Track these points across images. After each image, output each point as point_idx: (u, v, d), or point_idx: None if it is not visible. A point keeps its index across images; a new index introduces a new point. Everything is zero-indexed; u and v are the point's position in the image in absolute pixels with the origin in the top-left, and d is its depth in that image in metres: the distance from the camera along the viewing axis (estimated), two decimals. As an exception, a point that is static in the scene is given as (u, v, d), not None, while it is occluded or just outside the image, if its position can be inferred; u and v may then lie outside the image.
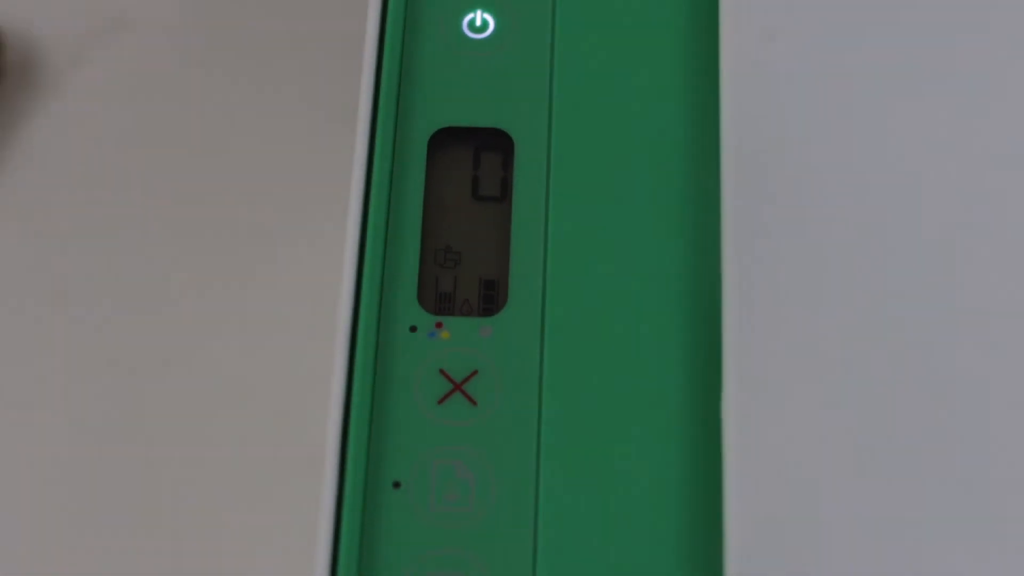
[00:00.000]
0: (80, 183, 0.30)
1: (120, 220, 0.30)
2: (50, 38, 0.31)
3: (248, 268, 0.28)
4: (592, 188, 0.22)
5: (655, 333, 0.21)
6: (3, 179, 0.30)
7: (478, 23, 0.23)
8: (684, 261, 0.22)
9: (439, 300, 0.22)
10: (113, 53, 0.31)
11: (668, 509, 0.20)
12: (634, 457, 0.21)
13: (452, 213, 0.22)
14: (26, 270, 0.29)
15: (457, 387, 0.21)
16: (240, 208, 0.28)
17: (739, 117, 0.21)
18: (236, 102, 0.30)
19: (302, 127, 0.26)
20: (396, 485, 0.20)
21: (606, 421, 0.21)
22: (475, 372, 0.21)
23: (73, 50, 0.31)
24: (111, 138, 0.31)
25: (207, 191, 0.29)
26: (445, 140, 0.23)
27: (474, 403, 0.21)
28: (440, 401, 0.21)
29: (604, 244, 0.22)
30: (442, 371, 0.21)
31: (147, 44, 0.31)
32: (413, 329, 0.21)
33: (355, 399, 0.20)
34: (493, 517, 0.20)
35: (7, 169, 0.30)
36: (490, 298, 0.22)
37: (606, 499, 0.20)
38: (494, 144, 0.23)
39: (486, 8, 0.23)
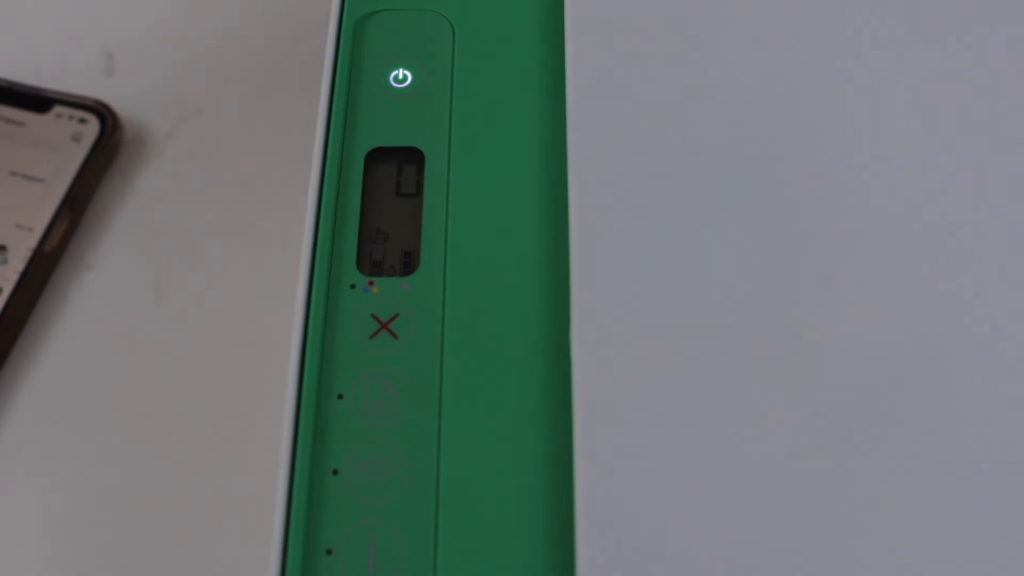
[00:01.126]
0: (172, 215, 0.34)
1: (200, 238, 0.34)
2: (152, 122, 0.35)
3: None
4: (477, 187, 0.24)
5: (520, 285, 0.23)
6: (123, 214, 0.34)
7: (400, 77, 0.26)
8: (542, 233, 0.23)
9: (372, 265, 0.24)
10: (192, 129, 0.35)
11: (532, 405, 0.22)
12: (506, 373, 0.22)
13: (382, 205, 0.25)
14: (138, 274, 0.33)
15: (384, 326, 0.23)
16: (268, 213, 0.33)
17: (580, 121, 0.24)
18: (262, 151, 0.34)
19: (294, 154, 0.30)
20: (340, 397, 0.22)
21: (487, 347, 0.22)
22: (397, 315, 0.23)
23: (166, 128, 0.35)
24: (192, 185, 0.35)
25: (249, 210, 0.34)
26: (377, 156, 0.25)
27: (396, 337, 0.23)
28: (371, 336, 0.23)
29: (485, 225, 0.24)
30: (373, 315, 0.23)
31: (214, 122, 0.35)
32: (353, 287, 0.23)
33: (310, 335, 0.23)
34: (409, 419, 0.22)
35: (126, 208, 0.34)
36: (408, 264, 0.24)
37: (488, 401, 0.22)
38: (411, 158, 0.25)
39: (406, 67, 0.26)
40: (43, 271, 0.32)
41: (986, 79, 0.26)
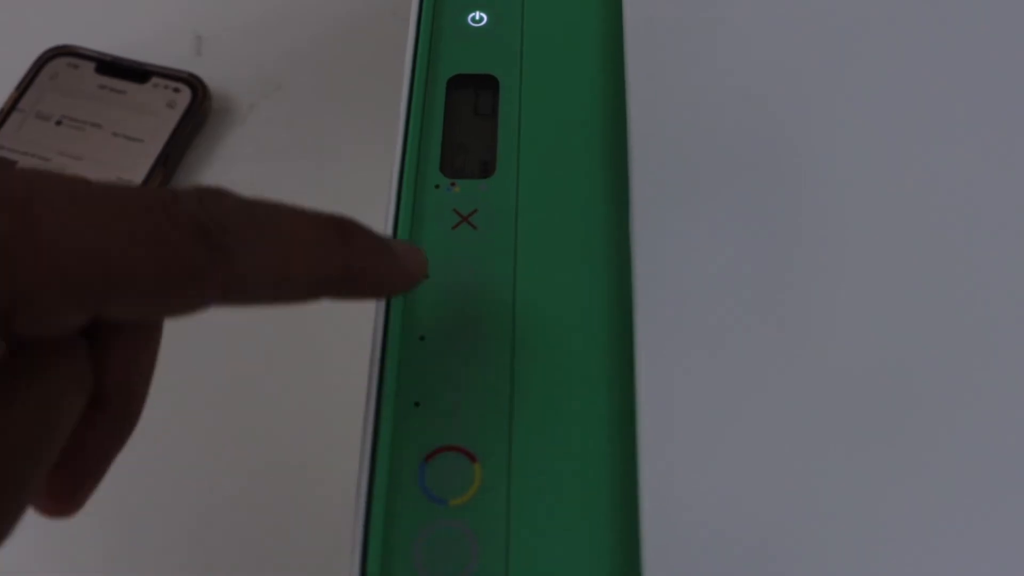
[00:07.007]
0: (252, 173, 0.37)
1: (274, 193, 0.35)
2: (236, 94, 0.39)
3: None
4: (546, 106, 0.27)
5: (582, 183, 0.25)
6: (210, 171, 0.37)
7: (477, 18, 0.29)
8: (602, 145, 0.26)
9: (454, 171, 0.26)
10: (272, 103, 0.39)
11: (595, 275, 0.24)
12: (572, 254, 0.24)
13: (462, 123, 0.27)
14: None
15: (464, 219, 0.25)
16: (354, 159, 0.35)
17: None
18: (331, 123, 0.37)
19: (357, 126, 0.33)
20: (426, 276, 0.24)
21: (554, 235, 0.25)
22: (476, 210, 0.25)
23: (249, 100, 0.39)
24: (269, 149, 0.38)
25: (316, 170, 0.36)
26: (458, 82, 0.28)
27: (475, 228, 0.25)
28: (454, 227, 0.25)
29: (552, 138, 0.26)
30: (455, 210, 0.25)
31: (291, 98, 0.39)
32: (437, 187, 0.26)
33: (400, 226, 0.25)
34: (486, 295, 0.24)
35: (213, 166, 0.37)
36: (485, 169, 0.26)
37: (557, 280, 0.24)
38: (487, 83, 0.28)
39: (482, 9, 0.29)
40: (138, 218, 0.36)
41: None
